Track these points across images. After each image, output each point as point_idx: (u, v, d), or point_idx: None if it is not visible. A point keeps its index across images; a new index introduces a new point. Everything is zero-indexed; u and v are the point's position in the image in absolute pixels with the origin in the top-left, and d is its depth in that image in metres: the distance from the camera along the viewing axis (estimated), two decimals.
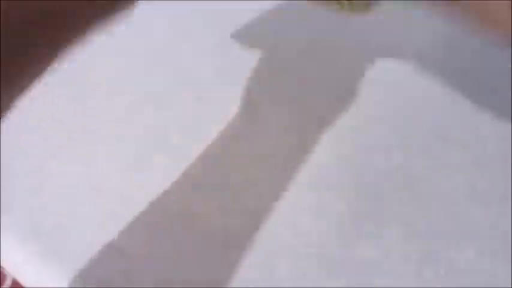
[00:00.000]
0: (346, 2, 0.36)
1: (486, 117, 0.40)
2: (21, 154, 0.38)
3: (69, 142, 0.39)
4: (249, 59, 0.41)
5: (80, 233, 0.33)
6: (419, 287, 0.30)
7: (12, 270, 0.34)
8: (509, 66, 0.44)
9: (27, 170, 0.37)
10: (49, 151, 0.38)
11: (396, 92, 0.42)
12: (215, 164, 0.36)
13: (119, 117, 0.38)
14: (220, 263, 0.32)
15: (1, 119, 0.22)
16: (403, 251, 0.32)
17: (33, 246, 0.33)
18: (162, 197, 0.35)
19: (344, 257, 0.32)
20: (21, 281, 0.33)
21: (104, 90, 0.38)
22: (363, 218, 0.34)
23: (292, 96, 0.40)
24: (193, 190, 0.34)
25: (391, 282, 0.31)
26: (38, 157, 0.38)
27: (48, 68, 0.22)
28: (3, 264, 0.34)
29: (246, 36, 0.44)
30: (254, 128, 0.38)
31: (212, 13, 0.47)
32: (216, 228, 0.33)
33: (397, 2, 0.46)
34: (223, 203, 0.34)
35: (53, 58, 0.22)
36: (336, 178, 0.35)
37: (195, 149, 0.37)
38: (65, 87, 0.42)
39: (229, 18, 0.43)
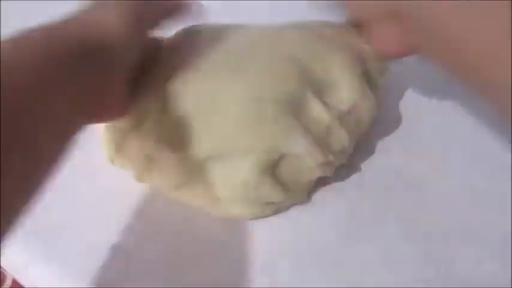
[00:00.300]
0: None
1: (486, 117, 0.40)
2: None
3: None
4: None
5: (80, 233, 0.33)
6: (420, 287, 0.30)
7: (12, 270, 0.34)
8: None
9: None
10: None
11: (396, 92, 0.42)
12: None
13: None
14: (221, 262, 0.32)
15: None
16: (403, 251, 0.32)
17: (33, 246, 0.33)
18: (162, 197, 0.35)
19: (344, 257, 0.32)
20: (21, 281, 0.33)
21: None
22: (363, 218, 0.34)
23: None
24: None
25: (391, 282, 0.31)
26: None
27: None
28: (3, 264, 0.34)
29: None
30: None
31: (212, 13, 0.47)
32: (216, 228, 0.33)
33: None
34: None
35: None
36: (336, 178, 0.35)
37: None
38: None
39: (229, 18, 0.43)
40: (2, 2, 0.50)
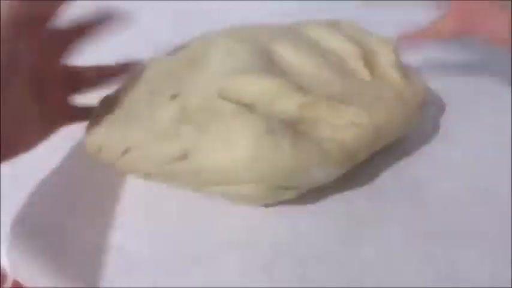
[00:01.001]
0: None
1: (486, 117, 0.40)
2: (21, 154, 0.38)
3: (69, 142, 0.39)
4: None
5: (80, 233, 0.33)
6: (420, 287, 0.30)
7: (12, 270, 0.34)
8: (509, 66, 0.44)
9: (28, 170, 0.37)
10: (49, 151, 0.38)
11: None
12: None
13: None
14: (221, 262, 0.32)
15: None
16: (403, 251, 0.32)
17: (33, 246, 0.33)
18: (163, 197, 0.35)
19: (344, 257, 0.32)
20: (21, 281, 0.33)
21: (104, 90, 0.39)
22: (362, 218, 0.34)
23: None
24: (194, 191, 0.34)
25: (391, 282, 0.31)
26: (38, 157, 0.38)
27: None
28: (3, 264, 0.34)
29: None
30: None
31: (212, 13, 0.47)
32: (217, 228, 0.33)
33: None
34: (224, 203, 0.35)
35: None
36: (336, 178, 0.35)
37: None
38: None
39: (229, 18, 0.43)
40: (1, 1, 0.50)
